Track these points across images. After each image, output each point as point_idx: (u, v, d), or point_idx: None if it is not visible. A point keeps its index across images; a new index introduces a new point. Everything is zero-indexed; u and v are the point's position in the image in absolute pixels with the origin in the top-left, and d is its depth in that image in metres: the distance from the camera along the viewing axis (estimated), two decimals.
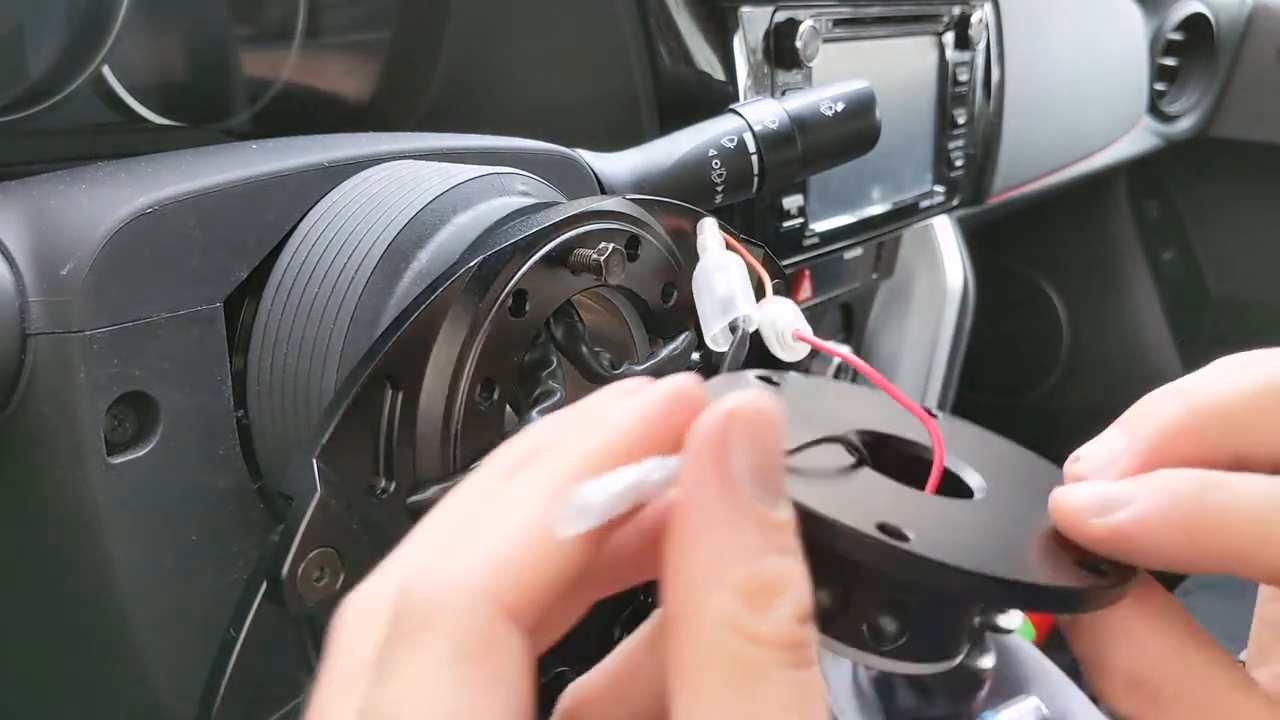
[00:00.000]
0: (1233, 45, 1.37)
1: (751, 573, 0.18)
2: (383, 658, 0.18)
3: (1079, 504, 0.23)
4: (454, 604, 0.18)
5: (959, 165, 0.91)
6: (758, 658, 0.17)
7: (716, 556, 0.18)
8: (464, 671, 0.18)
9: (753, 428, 0.19)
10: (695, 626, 0.18)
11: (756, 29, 0.69)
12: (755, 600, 0.18)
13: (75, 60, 0.51)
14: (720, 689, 0.17)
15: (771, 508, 0.19)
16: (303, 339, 0.35)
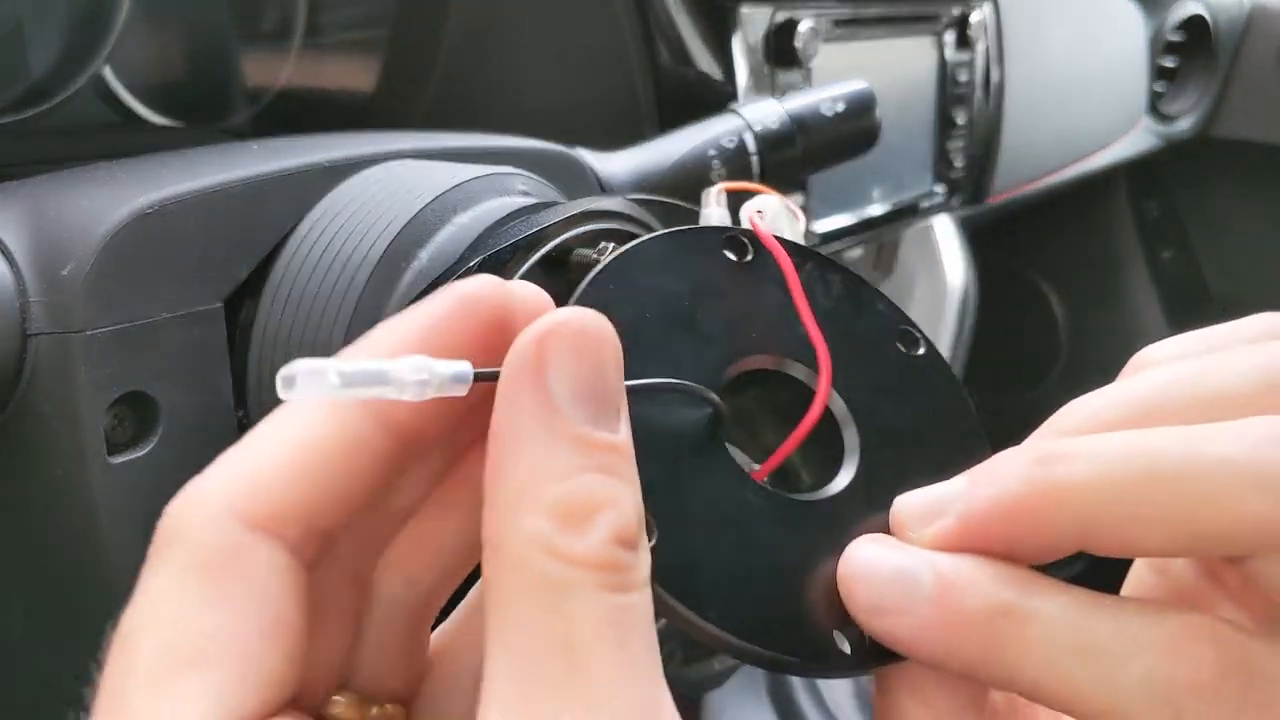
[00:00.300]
0: (1232, 46, 1.37)
1: (565, 491, 0.17)
2: (139, 578, 0.19)
3: (906, 513, 0.21)
4: (193, 519, 0.19)
5: (959, 165, 0.91)
6: (568, 578, 0.17)
7: (530, 476, 0.17)
8: (202, 585, 0.18)
9: (577, 347, 0.18)
10: (506, 547, 0.17)
11: (756, 29, 0.69)
12: (568, 520, 0.17)
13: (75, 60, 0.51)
14: (528, 610, 0.17)
15: (595, 429, 0.18)
16: (303, 339, 0.35)
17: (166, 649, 0.18)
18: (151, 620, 0.18)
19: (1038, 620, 0.19)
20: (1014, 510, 0.20)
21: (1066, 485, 0.19)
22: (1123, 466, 0.19)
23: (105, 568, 0.33)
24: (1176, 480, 0.19)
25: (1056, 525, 0.19)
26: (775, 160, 0.51)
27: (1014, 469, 0.20)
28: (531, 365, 0.18)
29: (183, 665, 0.18)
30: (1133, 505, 0.19)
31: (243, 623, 0.18)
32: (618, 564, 0.17)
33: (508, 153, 0.43)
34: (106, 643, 0.20)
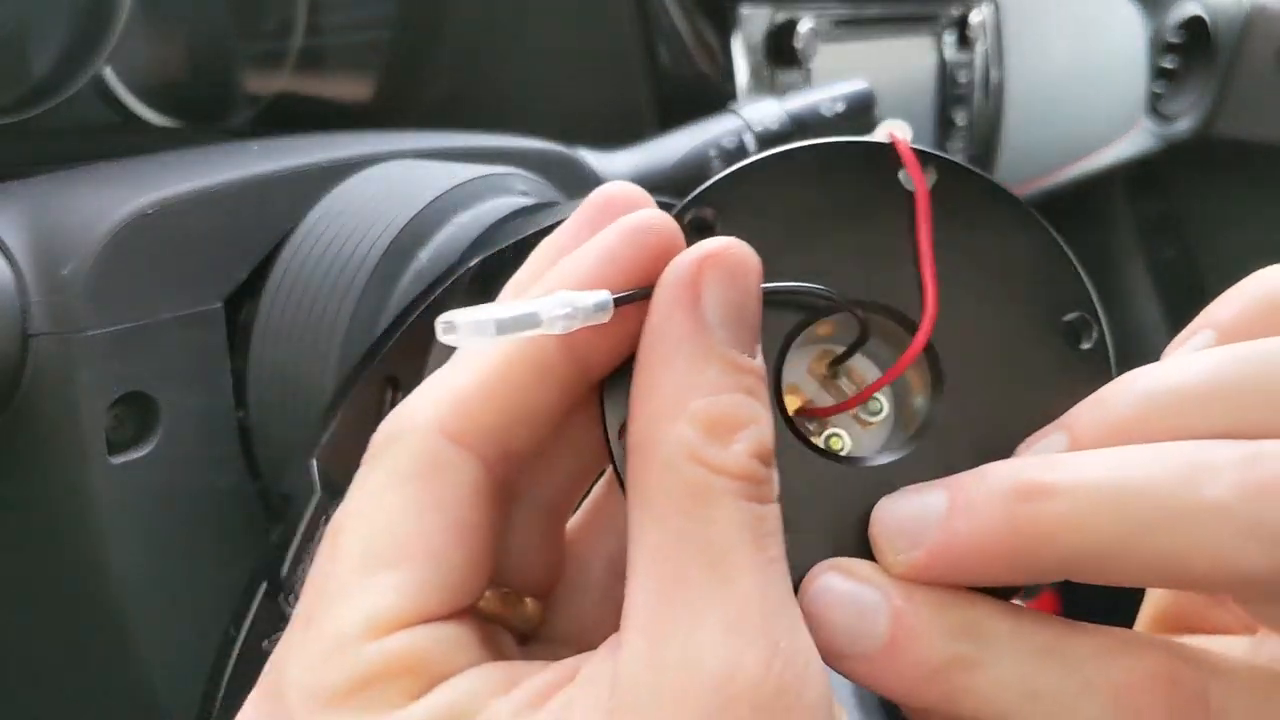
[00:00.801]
0: (1231, 46, 1.37)
1: (712, 404, 0.19)
2: (352, 482, 0.21)
3: (883, 532, 0.21)
4: (403, 433, 0.20)
5: None
6: (712, 484, 0.18)
7: (680, 388, 0.19)
8: (408, 489, 0.20)
9: (731, 275, 0.19)
10: (653, 452, 0.19)
11: (756, 29, 0.69)
12: (714, 431, 0.18)
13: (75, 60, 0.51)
14: (673, 513, 0.18)
15: (740, 353, 0.19)
16: (303, 339, 0.35)
17: (371, 544, 0.20)
18: (361, 518, 0.20)
19: (990, 669, 0.19)
20: (988, 552, 0.19)
21: (1047, 527, 0.18)
22: (1107, 509, 0.18)
23: (105, 567, 0.34)
24: (1164, 526, 0.18)
25: (1037, 563, 0.19)
26: None
27: (994, 503, 0.19)
28: (689, 286, 0.19)
29: (384, 561, 0.19)
30: (1116, 551, 0.18)
31: (440, 528, 0.20)
32: (757, 476, 0.19)
33: (507, 153, 0.43)
34: (108, 642, 0.20)
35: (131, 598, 0.34)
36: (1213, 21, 1.35)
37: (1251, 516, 0.17)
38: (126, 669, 0.35)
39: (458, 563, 0.20)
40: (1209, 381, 0.19)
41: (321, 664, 0.19)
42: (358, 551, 0.20)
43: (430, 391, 0.21)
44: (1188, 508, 0.18)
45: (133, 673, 0.35)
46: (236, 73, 0.62)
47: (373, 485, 0.20)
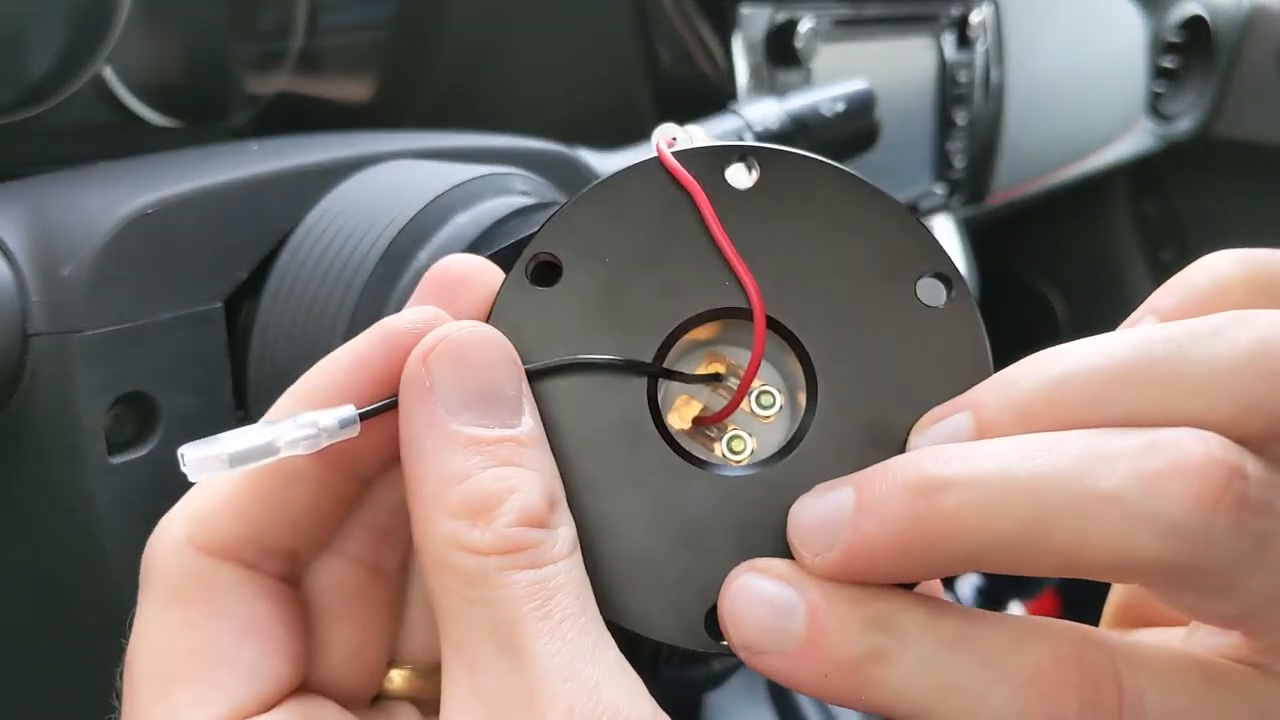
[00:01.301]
0: (1231, 46, 1.37)
1: (465, 491, 0.19)
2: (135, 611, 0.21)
3: (798, 533, 0.21)
4: (159, 554, 0.21)
5: (959, 165, 0.91)
6: (483, 567, 0.19)
7: (435, 485, 0.19)
8: (177, 610, 0.20)
9: (460, 358, 0.20)
10: (428, 552, 0.19)
11: (756, 29, 0.69)
12: (474, 516, 0.19)
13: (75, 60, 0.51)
14: (457, 603, 0.19)
15: (489, 428, 0.20)
16: (303, 339, 0.35)
17: (159, 669, 0.20)
18: (143, 648, 0.21)
19: (902, 661, 0.19)
20: (896, 549, 0.19)
21: (949, 521, 0.19)
22: (1008, 500, 0.18)
23: (105, 568, 0.33)
24: (1063, 517, 0.18)
25: (944, 556, 0.19)
26: None
27: (897, 499, 0.19)
28: (419, 384, 0.20)
29: (176, 680, 0.20)
30: (1019, 542, 0.18)
31: (218, 633, 0.20)
32: (525, 543, 0.19)
33: (507, 153, 0.43)
34: (108, 642, 0.20)
35: (131, 598, 0.34)
36: (1213, 21, 1.35)
37: (1144, 507, 0.17)
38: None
39: (258, 658, 0.20)
40: (1115, 366, 0.19)
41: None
42: (150, 678, 0.20)
43: (181, 508, 0.22)
44: (1084, 499, 0.18)
45: None
46: (236, 73, 0.62)
47: (147, 610, 0.21)
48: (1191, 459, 0.17)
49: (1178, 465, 0.17)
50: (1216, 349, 0.18)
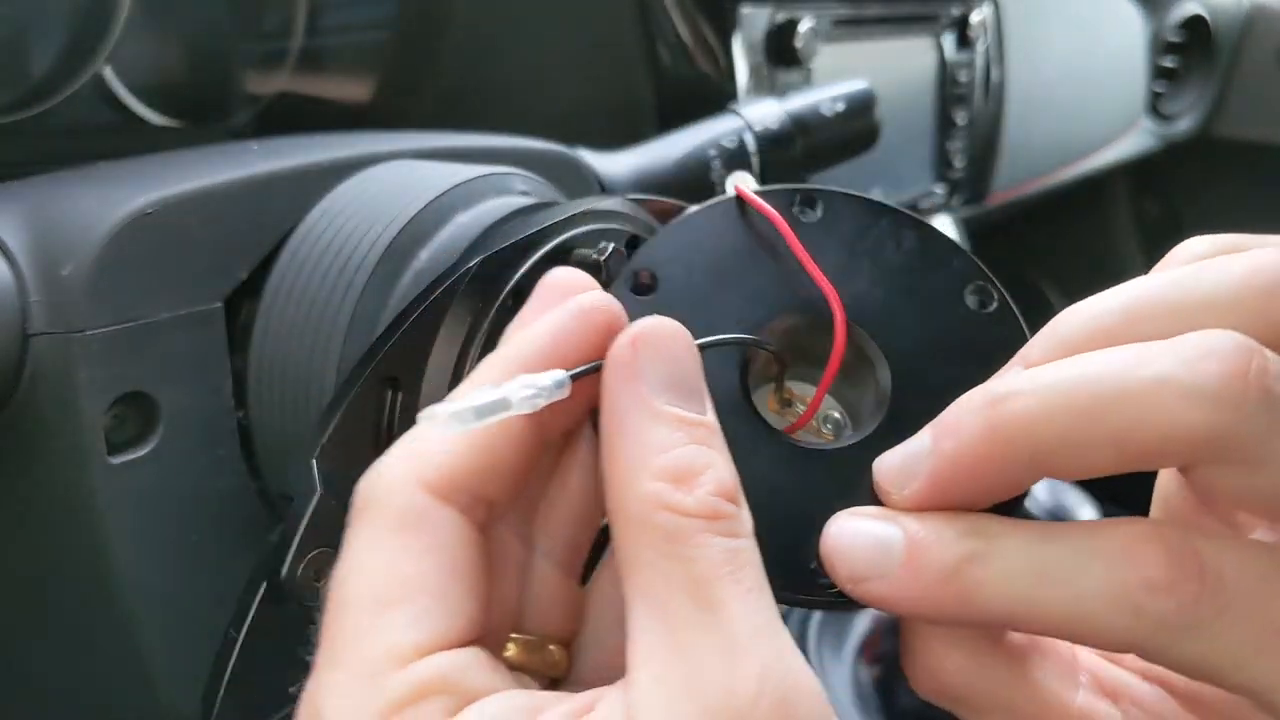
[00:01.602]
0: (1231, 46, 1.37)
1: (671, 458, 0.21)
2: (344, 543, 0.23)
3: (883, 477, 0.24)
4: (385, 489, 0.23)
5: (959, 165, 0.91)
6: (685, 526, 0.21)
7: (641, 450, 0.21)
8: (396, 539, 0.22)
9: (660, 349, 0.22)
10: (628, 509, 0.21)
11: (756, 29, 0.69)
12: (678, 480, 0.21)
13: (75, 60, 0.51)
14: (656, 557, 0.21)
15: (687, 410, 0.22)
16: (303, 339, 0.35)
17: (376, 589, 0.22)
18: (361, 570, 0.22)
19: (997, 559, 0.21)
20: (975, 460, 0.22)
21: (1018, 423, 0.21)
22: (1067, 396, 0.21)
23: (105, 567, 0.34)
24: (1116, 402, 0.21)
25: (1016, 462, 0.21)
26: (775, 160, 0.51)
27: (972, 416, 0.22)
28: (629, 365, 0.22)
29: (391, 601, 0.21)
30: (1080, 431, 0.21)
31: (436, 569, 0.22)
32: (723, 513, 0.21)
33: (508, 153, 0.43)
34: (108, 643, 0.20)
35: (131, 598, 0.34)
36: (1213, 20, 1.35)
37: (1186, 384, 0.20)
38: (126, 669, 0.35)
39: (460, 597, 0.22)
40: (1138, 299, 0.23)
41: (357, 694, 0.21)
42: (366, 597, 0.22)
43: (405, 451, 0.23)
44: (1133, 384, 0.21)
45: (133, 673, 0.35)
46: (236, 73, 0.62)
47: (365, 540, 0.22)
48: (1221, 344, 0.20)
49: (1210, 349, 0.20)
50: (1219, 274, 0.22)
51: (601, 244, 0.35)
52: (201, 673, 0.32)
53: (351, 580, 0.22)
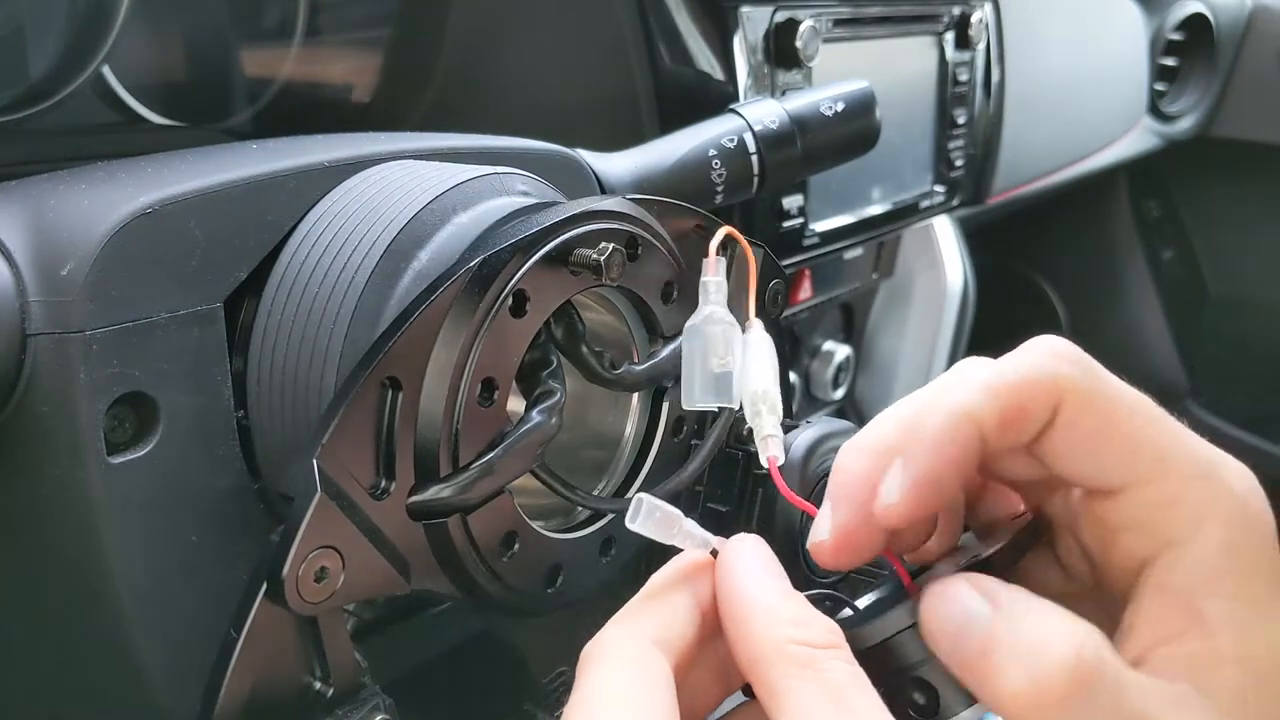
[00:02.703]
0: (1233, 45, 1.37)
1: (792, 609, 0.27)
2: (576, 690, 0.27)
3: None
4: (621, 641, 0.27)
5: (959, 165, 0.91)
6: (813, 654, 0.26)
7: (769, 614, 0.27)
8: (631, 679, 0.26)
9: (751, 558, 0.29)
10: (767, 654, 0.26)
11: (756, 29, 0.69)
12: (800, 627, 0.27)
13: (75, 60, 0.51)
14: (796, 682, 0.26)
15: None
16: (303, 339, 0.35)
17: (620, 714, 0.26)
18: (606, 701, 0.26)
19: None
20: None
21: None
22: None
23: (104, 568, 0.33)
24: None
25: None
26: (775, 160, 0.51)
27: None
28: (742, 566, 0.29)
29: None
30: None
31: (653, 704, 0.26)
32: (839, 644, 0.27)
33: (508, 153, 0.43)
34: (108, 642, 0.20)
35: (131, 598, 0.34)
36: (1215, 20, 1.35)
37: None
38: (126, 669, 0.35)
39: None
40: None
41: None
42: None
43: (634, 613, 0.29)
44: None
45: (133, 673, 0.35)
46: (236, 72, 0.62)
47: (607, 676, 0.27)
48: None
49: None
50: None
51: (602, 244, 0.35)
52: (201, 673, 0.32)
53: (597, 708, 0.26)
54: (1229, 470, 0.26)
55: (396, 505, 0.32)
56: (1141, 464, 0.26)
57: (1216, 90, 1.38)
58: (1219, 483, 0.26)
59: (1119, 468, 0.27)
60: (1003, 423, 0.27)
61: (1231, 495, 0.26)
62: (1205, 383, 1.46)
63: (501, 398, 0.34)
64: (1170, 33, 1.32)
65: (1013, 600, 0.25)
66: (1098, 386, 0.27)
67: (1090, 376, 0.27)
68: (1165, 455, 0.26)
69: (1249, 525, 0.26)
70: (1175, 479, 0.26)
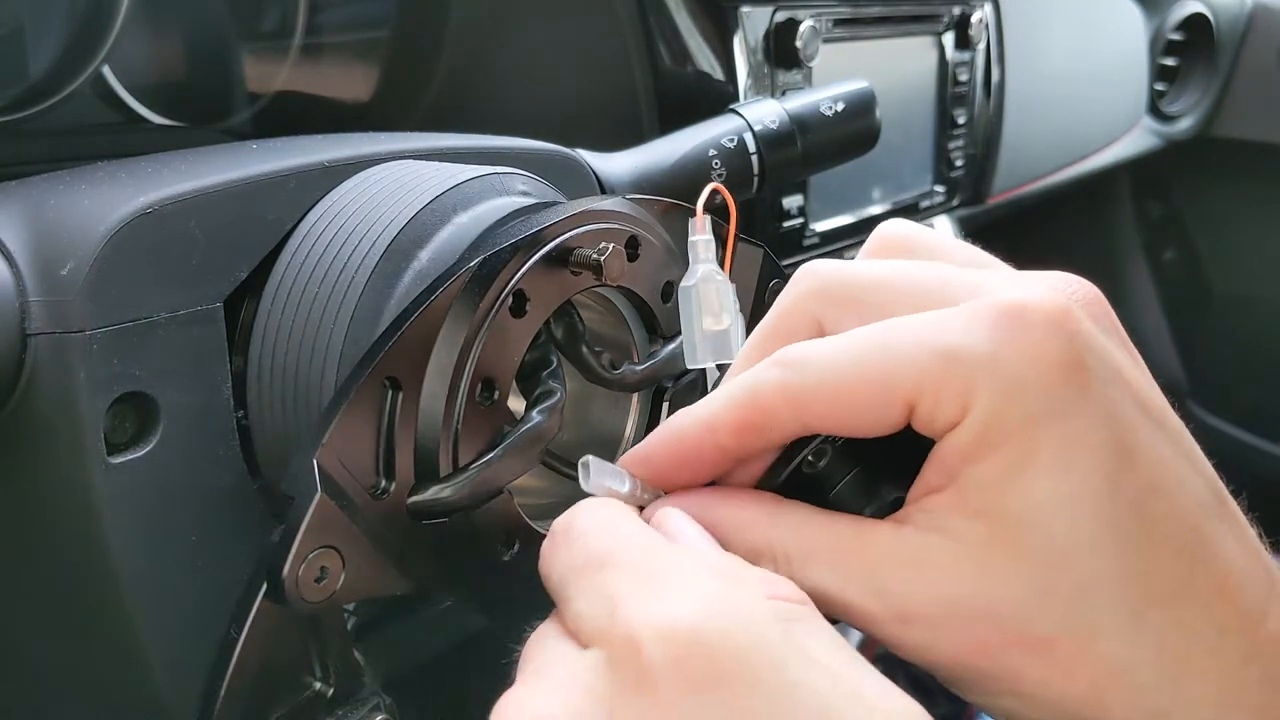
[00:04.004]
0: (1233, 45, 1.37)
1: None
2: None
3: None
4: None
5: (959, 165, 0.91)
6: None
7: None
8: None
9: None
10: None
11: (756, 29, 0.69)
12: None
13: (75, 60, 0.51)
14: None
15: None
16: (303, 339, 0.35)
17: None
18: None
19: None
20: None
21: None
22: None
23: (105, 567, 0.33)
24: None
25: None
26: (775, 160, 0.51)
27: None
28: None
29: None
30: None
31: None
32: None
33: (508, 153, 0.43)
34: (108, 643, 0.20)
35: (131, 598, 0.34)
36: (1215, 19, 1.35)
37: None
38: (127, 669, 0.35)
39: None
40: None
41: None
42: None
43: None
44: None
45: (133, 673, 0.35)
46: (236, 72, 0.62)
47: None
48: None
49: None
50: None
51: (602, 244, 0.35)
52: (201, 673, 0.32)
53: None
54: (999, 342, 0.26)
55: (396, 505, 0.32)
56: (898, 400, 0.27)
57: (1216, 90, 1.38)
58: (980, 366, 0.26)
59: (886, 418, 0.27)
60: (739, 431, 0.28)
61: (994, 370, 0.26)
62: (1205, 383, 1.46)
63: (501, 398, 0.34)
64: (1170, 33, 1.32)
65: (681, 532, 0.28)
66: (819, 378, 0.27)
67: (803, 367, 0.27)
68: (924, 368, 0.26)
69: (1011, 394, 0.26)
70: (933, 388, 0.26)
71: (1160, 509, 0.26)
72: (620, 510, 0.28)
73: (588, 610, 0.25)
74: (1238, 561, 0.26)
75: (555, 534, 0.28)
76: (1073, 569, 0.25)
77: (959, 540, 0.26)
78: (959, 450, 0.26)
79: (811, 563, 0.27)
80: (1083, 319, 0.28)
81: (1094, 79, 1.18)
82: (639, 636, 0.23)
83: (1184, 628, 0.26)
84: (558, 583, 0.27)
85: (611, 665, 0.23)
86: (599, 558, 0.26)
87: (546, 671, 0.25)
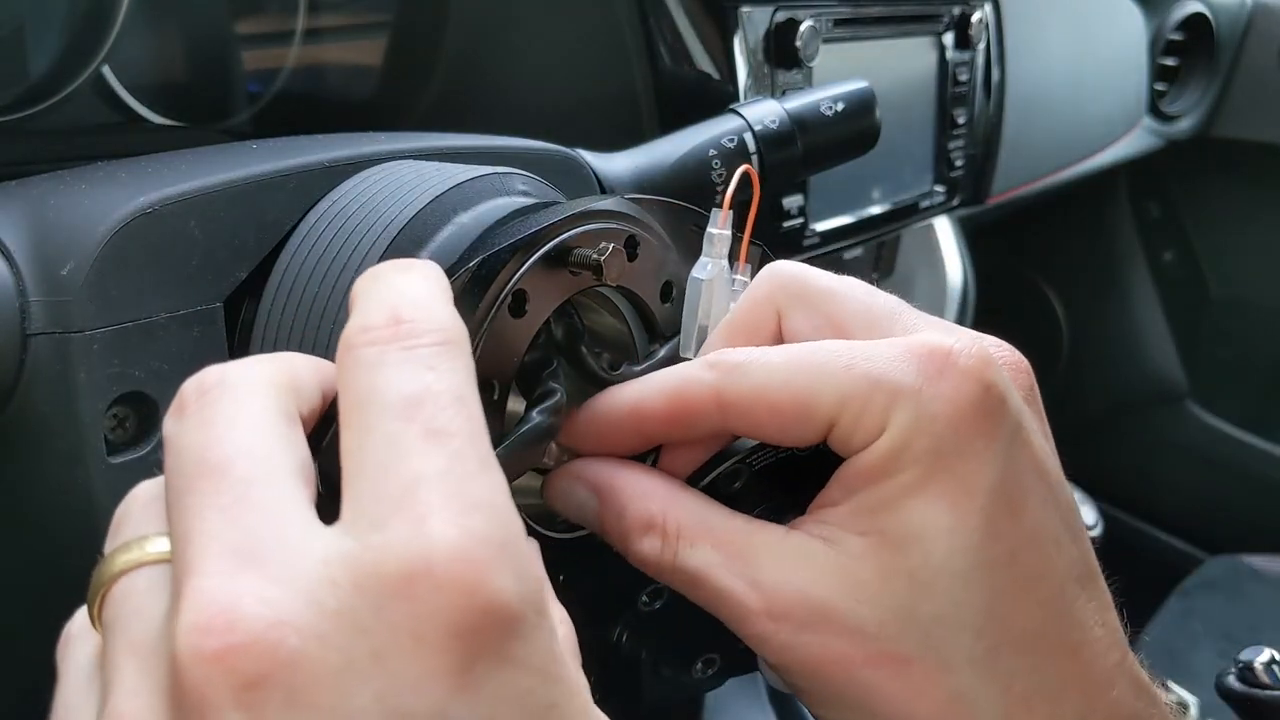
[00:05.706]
0: (1233, 45, 1.37)
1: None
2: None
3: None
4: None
5: (959, 165, 0.91)
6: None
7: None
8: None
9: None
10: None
11: (756, 29, 0.69)
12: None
13: (75, 60, 0.51)
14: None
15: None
16: (303, 339, 0.35)
17: None
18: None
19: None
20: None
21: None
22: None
23: None
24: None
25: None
26: (775, 160, 0.51)
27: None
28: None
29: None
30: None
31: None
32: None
33: (508, 153, 0.43)
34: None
35: None
36: (1215, 19, 1.35)
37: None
38: None
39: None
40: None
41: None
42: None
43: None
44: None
45: None
46: (236, 72, 0.62)
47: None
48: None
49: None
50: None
51: (601, 244, 0.35)
52: None
53: None
54: (924, 378, 0.27)
55: None
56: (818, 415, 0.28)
57: (1216, 90, 1.38)
58: (902, 396, 0.27)
59: (807, 431, 0.29)
60: (664, 422, 0.30)
61: (913, 402, 0.27)
62: (1205, 383, 1.46)
63: (501, 398, 0.34)
64: (1170, 33, 1.32)
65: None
66: (749, 381, 0.29)
67: (735, 373, 0.29)
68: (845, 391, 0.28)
69: (923, 426, 0.27)
70: (855, 410, 0.28)
71: (1032, 563, 0.27)
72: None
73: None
74: (1095, 630, 0.28)
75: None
76: (938, 597, 0.27)
77: (840, 551, 0.27)
78: (863, 471, 0.28)
79: (699, 544, 0.29)
80: (1004, 378, 0.29)
81: (1094, 79, 1.18)
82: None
83: (1033, 674, 0.27)
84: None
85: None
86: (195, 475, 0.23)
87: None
